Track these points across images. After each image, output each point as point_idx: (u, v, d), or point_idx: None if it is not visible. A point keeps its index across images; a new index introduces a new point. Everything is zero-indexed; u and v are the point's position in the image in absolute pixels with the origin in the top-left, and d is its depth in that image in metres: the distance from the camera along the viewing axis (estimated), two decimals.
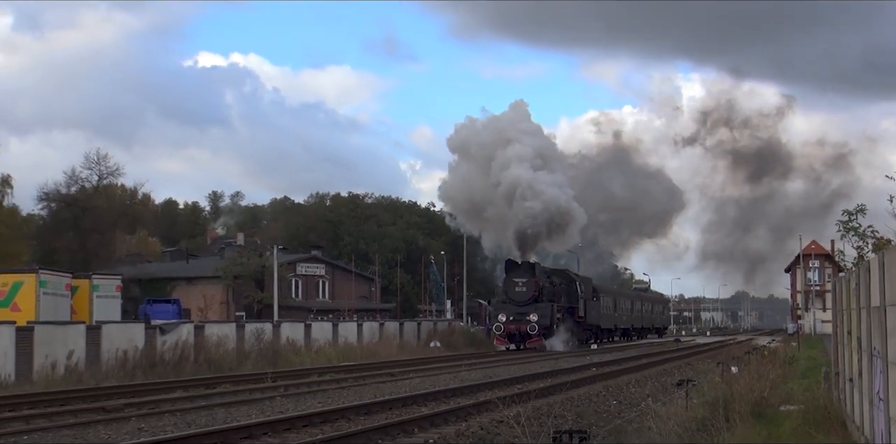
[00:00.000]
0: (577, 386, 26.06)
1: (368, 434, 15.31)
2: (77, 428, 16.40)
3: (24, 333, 28.86)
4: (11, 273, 37.84)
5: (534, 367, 34.63)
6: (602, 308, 72.23)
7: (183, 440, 14.29)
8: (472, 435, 15.93)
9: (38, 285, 35.50)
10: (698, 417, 16.00)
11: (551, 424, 15.92)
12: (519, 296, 57.95)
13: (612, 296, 78.28)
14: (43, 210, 78.12)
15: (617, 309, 78.81)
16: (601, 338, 73.03)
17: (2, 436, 15.21)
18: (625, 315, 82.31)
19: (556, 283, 62.74)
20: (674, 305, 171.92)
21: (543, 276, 60.60)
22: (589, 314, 66.59)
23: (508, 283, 59.18)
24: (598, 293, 71.04)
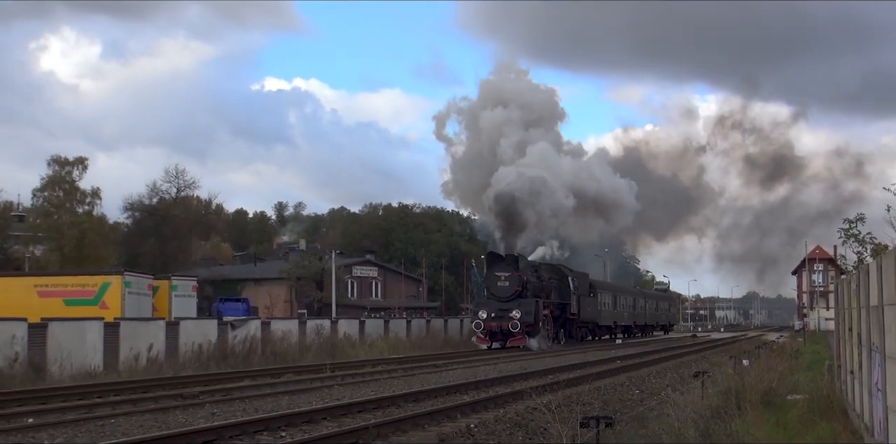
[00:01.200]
0: (604, 377, 25.93)
1: (416, 419, 15.29)
2: (157, 413, 16.48)
3: (111, 328, 29.07)
4: (100, 275, 38.17)
5: (564, 360, 34.45)
6: (600, 305, 63.06)
7: (251, 424, 14.33)
8: (508, 421, 15.88)
9: (124, 286, 35.77)
10: (713, 405, 15.90)
11: (579, 410, 15.81)
12: (501, 291, 47.95)
13: (611, 292, 67.84)
14: (128, 219, 79.04)
15: (617, 306, 68.57)
16: (599, 335, 64.96)
17: (92, 419, 15.30)
18: (626, 312, 71.62)
19: (545, 278, 53.05)
20: (690, 304, 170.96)
21: (529, 270, 50.91)
22: (583, 311, 58.02)
23: (490, 277, 49.45)
24: (595, 289, 61.97)
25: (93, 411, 16.92)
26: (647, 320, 79.40)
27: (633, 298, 76.25)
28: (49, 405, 17.87)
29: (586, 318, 59.18)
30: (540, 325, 47.79)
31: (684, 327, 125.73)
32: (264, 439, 13.51)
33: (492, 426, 15.31)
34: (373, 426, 13.94)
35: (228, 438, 13.32)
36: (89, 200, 69.47)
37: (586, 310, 58.64)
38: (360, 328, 45.43)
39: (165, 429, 13.86)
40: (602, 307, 63.52)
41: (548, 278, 53.49)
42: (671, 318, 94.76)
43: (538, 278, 51.42)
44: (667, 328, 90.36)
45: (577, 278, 57.88)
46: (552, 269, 56.68)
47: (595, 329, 63.35)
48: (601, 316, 63.14)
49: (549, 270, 55.93)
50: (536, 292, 49.67)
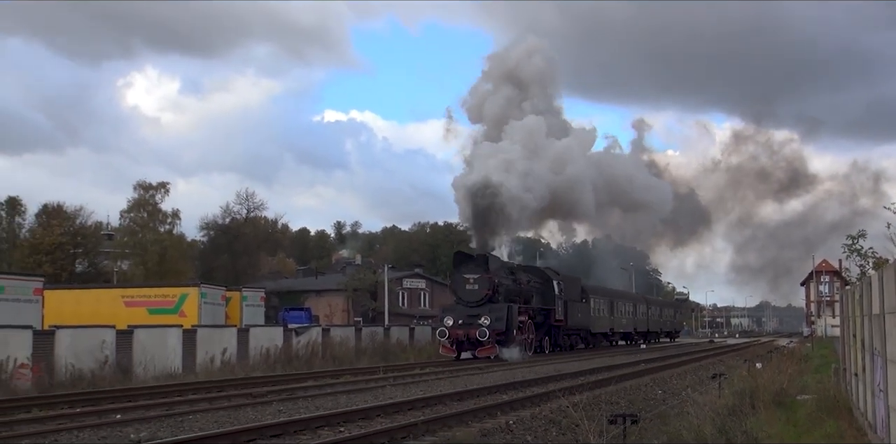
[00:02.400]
0: (629, 378, 25.74)
1: (461, 416, 15.26)
2: (230, 410, 16.55)
3: (189, 334, 29.30)
4: (179, 287, 38.50)
5: (593, 363, 34.20)
6: (593, 311, 53.35)
7: (313, 420, 14.37)
8: (543, 418, 15.81)
9: (200, 296, 36.03)
10: (729, 404, 15.74)
11: (607, 409, 15.74)
12: (469, 295, 38.70)
13: (606, 298, 58.12)
14: (204, 237, 79.61)
15: (614, 312, 59.05)
16: (593, 343, 55.19)
17: (172, 416, 15.41)
18: (624, 319, 62.03)
19: (523, 281, 43.36)
20: (708, 312, 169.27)
21: (503, 272, 41.52)
22: (571, 317, 47.94)
23: (458, 280, 39.76)
24: (587, 295, 52.31)
25: (173, 408, 17.02)
26: (649, 327, 69.72)
27: (634, 304, 66.48)
28: (134, 403, 18.02)
29: (575, 325, 49.35)
30: (514, 332, 38.28)
31: (702, 334, 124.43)
32: (325, 433, 13.52)
33: (528, 422, 15.25)
34: (422, 422, 13.92)
35: (293, 433, 13.36)
36: (170, 220, 70.11)
37: (575, 316, 49.03)
38: (409, 335, 45.66)
39: (237, 424, 13.92)
40: (596, 314, 54.18)
41: (527, 281, 44.00)
42: (676, 325, 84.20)
43: (515, 281, 42.04)
44: (672, 335, 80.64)
45: (564, 282, 48.06)
46: (534, 272, 47.56)
47: (588, 337, 53.73)
48: (594, 323, 53.66)
49: (531, 272, 46.80)
50: (511, 296, 40.67)
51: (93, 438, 12.49)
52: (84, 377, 23.35)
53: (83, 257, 68.39)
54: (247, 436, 12.61)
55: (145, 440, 11.84)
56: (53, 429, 13.36)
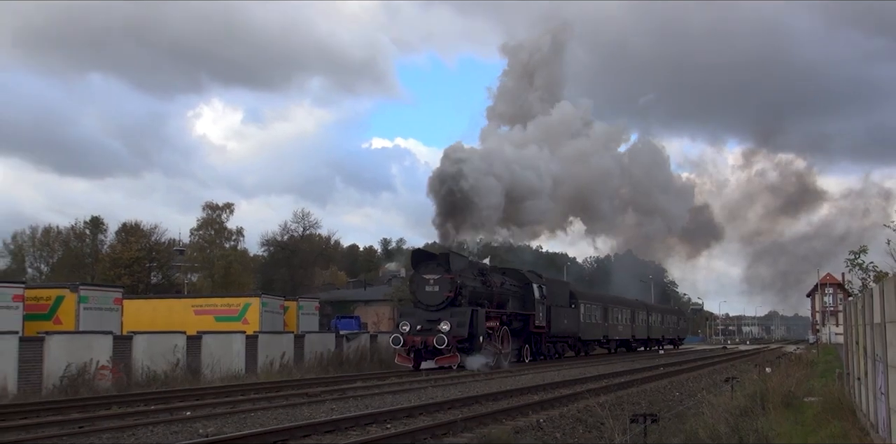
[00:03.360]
0: (649, 381, 25.51)
1: (495, 415, 15.18)
2: (288, 408, 16.57)
3: (251, 340, 29.46)
4: (242, 297, 38.60)
5: (616, 367, 33.93)
6: (583, 317, 45.92)
7: (363, 418, 14.35)
8: (570, 417, 15.69)
9: (261, 306, 36.11)
10: (741, 405, 15.55)
11: (629, 409, 15.61)
12: (429, 298, 31.42)
13: (599, 304, 50.41)
14: (264, 252, 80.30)
15: (609, 319, 51.45)
16: (586, 351, 49.02)
17: (236, 413, 15.46)
18: (621, 326, 54.46)
19: (496, 283, 35.46)
20: (721, 321, 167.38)
21: (471, 272, 33.54)
22: (556, 323, 40.52)
23: (417, 281, 32.08)
24: (576, 300, 45.13)
25: (237, 406, 17.09)
26: (650, 334, 62.23)
27: (632, 311, 58.46)
28: (202, 402, 18.12)
29: (561, 331, 41.80)
30: (480, 339, 30.84)
31: (716, 341, 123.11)
32: (373, 429, 13.50)
33: (557, 421, 15.14)
34: (460, 420, 13.88)
35: (344, 429, 13.35)
36: (234, 237, 71.04)
37: (561, 323, 41.55)
38: None
39: (294, 421, 13.94)
40: (586, 320, 46.64)
41: (500, 283, 36.18)
42: (680, 332, 75.00)
43: (485, 283, 34.22)
44: (676, 342, 71.73)
45: (546, 286, 40.54)
46: (512, 274, 39.29)
47: (577, 344, 46.63)
48: (585, 330, 46.13)
49: (509, 275, 38.77)
50: (479, 299, 32.92)
51: (165, 432, 12.56)
52: (158, 377, 23.56)
53: (157, 271, 69.22)
54: (303, 432, 12.62)
55: (212, 435, 11.88)
56: (131, 425, 13.47)
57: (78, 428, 12.93)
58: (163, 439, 11.69)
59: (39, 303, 26.93)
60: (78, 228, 73.61)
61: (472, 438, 12.70)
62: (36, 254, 77.07)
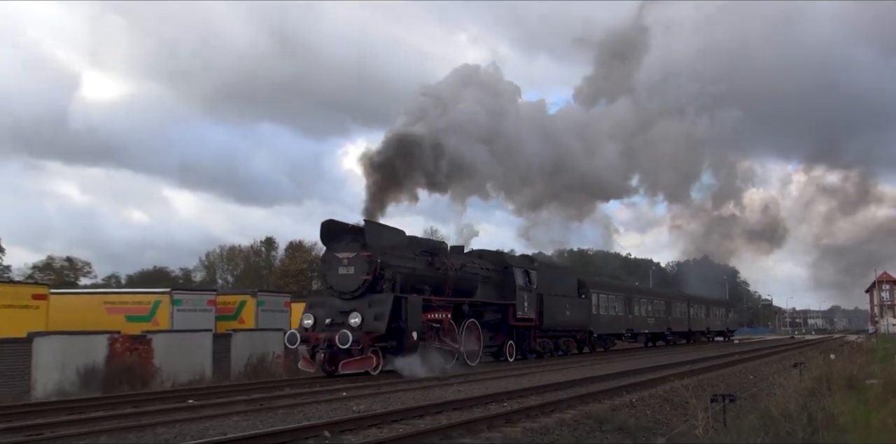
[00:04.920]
0: (726, 366, 24.58)
1: (595, 395, 14.79)
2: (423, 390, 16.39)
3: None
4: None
5: (696, 354, 32.74)
6: (595, 309, 34.95)
7: (498, 395, 14.15)
8: (658, 397, 15.26)
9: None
10: (808, 387, 14.83)
11: (710, 390, 15.08)
12: (342, 283, 20.52)
13: (619, 294, 39.09)
14: None
15: (633, 311, 40.08)
16: (606, 346, 36.89)
17: (381, 395, 15.50)
18: (651, 318, 42.68)
19: (450, 265, 23.48)
20: (788, 314, 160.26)
21: (410, 250, 22.27)
22: (550, 315, 29.08)
23: (329, 261, 20.89)
24: (586, 290, 34.03)
25: (380, 389, 17.07)
26: (691, 327, 49.58)
27: (667, 302, 46.43)
28: (356, 384, 18.08)
29: (559, 325, 30.33)
30: (414, 336, 20.13)
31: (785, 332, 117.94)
32: (493, 407, 13.36)
33: (647, 400, 14.74)
34: (565, 400, 13.68)
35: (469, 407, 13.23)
36: None
37: (558, 314, 30.09)
38: None
39: (431, 400, 13.89)
40: (599, 311, 35.66)
41: (460, 265, 24.08)
42: (730, 324, 61.14)
43: (431, 264, 22.78)
44: (725, 335, 59.01)
45: (539, 272, 28.79)
46: (489, 257, 27.35)
47: (586, 339, 34.38)
48: (598, 322, 35.03)
49: (485, 258, 26.91)
50: (417, 283, 21.85)
51: (327, 409, 12.77)
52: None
53: (318, 279, 70.94)
54: (433, 410, 12.51)
55: (364, 412, 12.05)
56: (300, 403, 13.77)
57: (259, 406, 13.31)
58: (324, 414, 11.90)
59: (227, 306, 27.78)
60: (256, 246, 77.06)
61: (577, 414, 12.45)
62: (224, 267, 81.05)
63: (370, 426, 10.49)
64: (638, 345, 43.17)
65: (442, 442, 9.52)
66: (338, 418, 10.93)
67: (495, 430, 10.56)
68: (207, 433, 9.71)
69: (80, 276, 68.42)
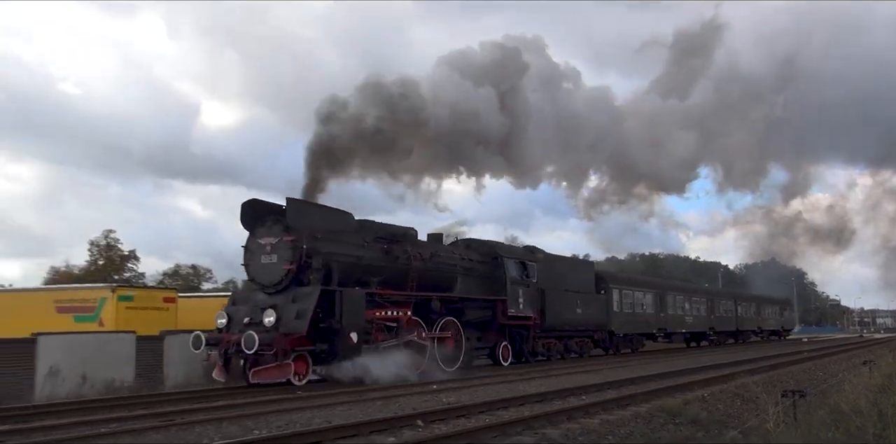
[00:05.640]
0: (795, 364, 23.52)
1: (667, 390, 14.39)
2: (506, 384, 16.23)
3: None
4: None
5: (765, 351, 31.39)
6: (617, 306, 29.30)
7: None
8: (729, 392, 14.72)
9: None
10: (878, 384, 14.00)
11: (780, 386, 14.48)
12: (264, 274, 15.51)
13: (649, 291, 32.88)
14: None
15: (667, 308, 34.08)
16: (634, 347, 31.03)
17: (468, 388, 15.24)
18: (689, 316, 36.50)
19: (415, 256, 17.99)
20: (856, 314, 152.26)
21: (360, 236, 16.79)
22: (553, 312, 23.79)
23: (253, 249, 15.70)
24: (606, 285, 28.61)
25: (467, 383, 16.75)
26: (739, 326, 43.32)
27: (709, 300, 39.94)
28: None
29: (566, 323, 25.04)
30: (353, 337, 15.18)
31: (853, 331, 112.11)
32: (573, 400, 13.18)
33: (718, 395, 14.24)
34: (640, 394, 13.38)
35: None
36: None
37: (565, 312, 24.79)
38: None
39: (512, 394, 13.78)
40: (622, 309, 29.81)
41: (428, 255, 18.81)
42: (785, 323, 53.66)
43: (387, 252, 17.53)
44: (780, 333, 51.95)
45: (541, 265, 23.76)
46: (477, 247, 22.13)
47: (607, 339, 28.54)
48: (619, 321, 29.24)
49: (472, 248, 21.88)
50: (362, 275, 16.62)
51: (420, 401, 12.77)
52: None
53: None
54: (516, 402, 12.42)
55: (452, 403, 12.06)
56: (394, 395, 13.74)
57: (358, 397, 13.42)
58: (417, 405, 11.94)
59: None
60: None
61: (650, 407, 12.16)
62: None
63: (458, 417, 10.51)
64: (677, 345, 37.60)
65: (524, 432, 9.46)
66: (429, 408, 11.00)
67: (574, 421, 10.45)
68: (314, 421, 9.94)
69: (202, 281, 71.40)
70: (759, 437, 9.75)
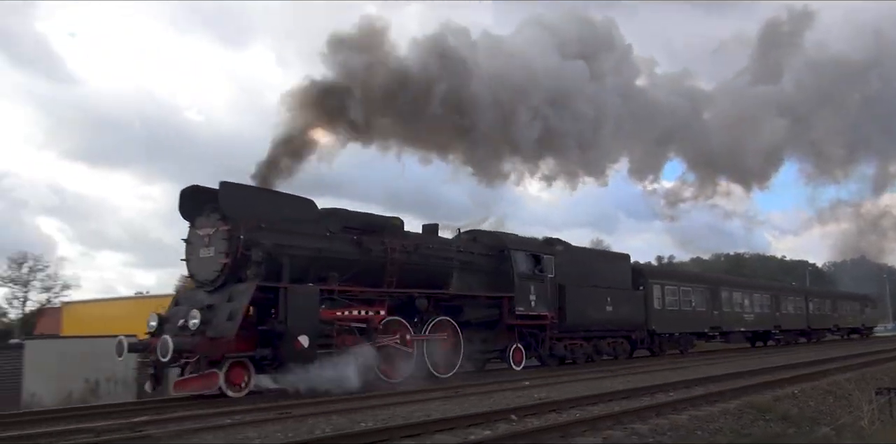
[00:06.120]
0: (890, 361, 21.99)
1: (757, 387, 13.73)
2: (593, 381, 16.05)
3: None
4: None
5: (854, 349, 29.42)
6: (656, 302, 24.77)
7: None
8: (820, 389, 13.95)
9: None
10: None
11: (874, 383, 13.62)
12: (203, 269, 12.64)
13: (697, 286, 28.09)
14: None
15: (717, 305, 28.96)
16: (682, 348, 26.55)
17: (556, 384, 15.19)
18: (748, 314, 31.69)
19: (393, 248, 14.83)
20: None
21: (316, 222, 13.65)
22: (575, 310, 20.09)
23: (193, 241, 12.95)
24: (644, 280, 24.39)
25: (547, 380, 16.56)
26: (810, 324, 37.90)
27: (773, 295, 34.73)
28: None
29: (593, 323, 21.28)
30: (305, 341, 12.09)
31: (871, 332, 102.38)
32: (660, 396, 12.82)
33: (809, 392, 13.51)
34: (729, 391, 12.85)
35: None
36: None
37: (590, 310, 21.17)
38: None
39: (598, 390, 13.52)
40: (664, 306, 25.53)
41: (413, 247, 15.54)
42: (866, 320, 47.04)
43: (358, 243, 14.33)
44: (861, 331, 45.32)
45: (550, 257, 19.82)
46: (484, 238, 18.75)
47: (645, 340, 24.29)
48: (660, 320, 24.88)
49: (479, 239, 18.58)
50: (322, 270, 13.43)
51: (513, 396, 12.72)
52: None
53: None
54: (605, 398, 12.21)
55: (543, 399, 11.96)
56: (489, 391, 13.75)
57: (454, 393, 13.50)
58: (510, 401, 11.92)
59: None
60: None
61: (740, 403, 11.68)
62: None
63: (550, 411, 10.43)
64: (739, 345, 33.01)
65: (614, 427, 9.30)
66: (522, 404, 10.97)
67: (662, 417, 10.18)
68: (414, 414, 10.08)
69: None
70: (853, 435, 9.22)
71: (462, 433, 8.63)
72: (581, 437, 8.60)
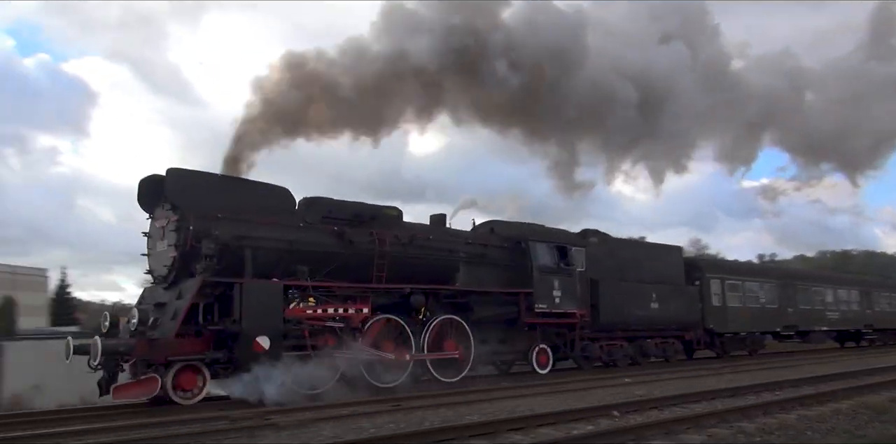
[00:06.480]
0: None
1: (871, 387, 12.75)
2: (692, 379, 15.41)
3: None
4: None
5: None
6: (713, 299, 21.03)
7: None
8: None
9: None
10: None
11: None
12: (156, 264, 11.17)
13: (765, 281, 23.70)
14: None
15: (791, 302, 24.51)
16: (754, 350, 23.07)
17: (654, 382, 14.79)
18: (832, 312, 26.79)
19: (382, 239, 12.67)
20: None
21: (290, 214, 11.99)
22: (608, 307, 17.05)
23: (151, 233, 11.50)
24: (700, 274, 20.83)
25: (647, 376, 16.29)
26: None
27: (862, 291, 29.51)
28: (642, 372, 17.46)
29: (628, 321, 17.92)
30: (265, 343, 10.41)
31: None
32: (778, 393, 12.13)
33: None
34: (840, 390, 11.98)
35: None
36: None
37: (619, 308, 17.55)
38: None
39: (696, 389, 12.98)
40: (725, 303, 21.69)
41: (408, 239, 13.34)
42: None
43: (338, 235, 12.29)
44: None
45: (578, 249, 16.87)
46: (502, 229, 16.21)
47: (702, 340, 20.71)
48: (717, 317, 21.13)
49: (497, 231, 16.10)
50: (292, 264, 11.50)
51: (614, 393, 12.46)
52: None
53: None
54: (708, 396, 11.68)
55: (644, 396, 11.64)
56: (590, 387, 13.51)
57: (555, 389, 13.30)
58: (611, 398, 11.66)
59: None
60: None
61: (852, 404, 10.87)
62: None
63: (651, 408, 10.12)
64: (825, 346, 28.35)
65: (719, 425, 8.89)
66: (623, 400, 10.71)
67: (770, 416, 9.62)
68: (518, 409, 10.07)
69: None
70: None
71: (564, 428, 8.53)
72: (685, 434, 8.29)
